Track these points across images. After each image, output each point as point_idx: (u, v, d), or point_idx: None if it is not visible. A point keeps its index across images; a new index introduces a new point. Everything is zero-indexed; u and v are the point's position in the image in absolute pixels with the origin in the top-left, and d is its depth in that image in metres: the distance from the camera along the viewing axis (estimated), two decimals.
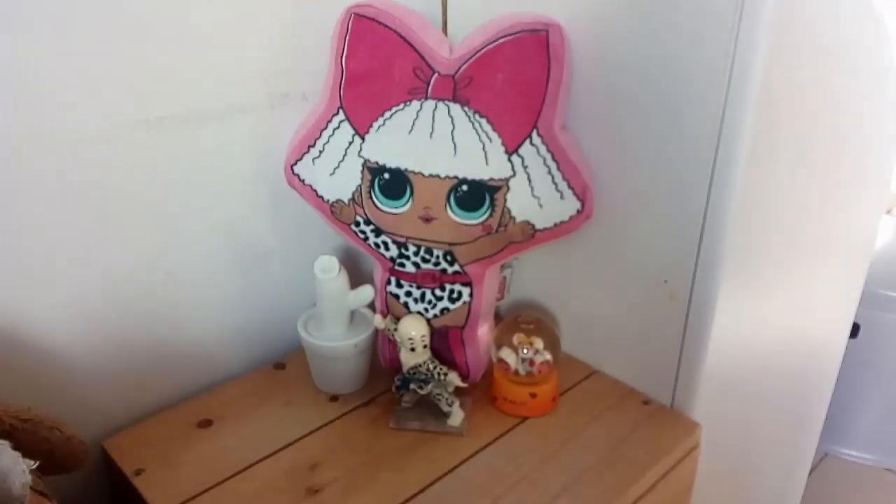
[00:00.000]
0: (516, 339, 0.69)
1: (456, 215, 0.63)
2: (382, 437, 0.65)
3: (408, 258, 0.66)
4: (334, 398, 0.70)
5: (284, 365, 0.75)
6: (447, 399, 0.66)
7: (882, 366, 1.40)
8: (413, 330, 0.65)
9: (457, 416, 0.66)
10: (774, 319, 0.77)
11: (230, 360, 0.74)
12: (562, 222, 0.64)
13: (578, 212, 0.63)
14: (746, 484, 0.89)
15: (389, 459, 0.63)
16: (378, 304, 0.70)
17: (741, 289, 0.67)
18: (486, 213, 0.63)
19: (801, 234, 0.74)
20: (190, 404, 0.69)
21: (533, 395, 0.68)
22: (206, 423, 0.66)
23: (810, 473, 1.08)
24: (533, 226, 0.64)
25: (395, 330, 0.66)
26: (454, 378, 0.66)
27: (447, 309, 0.68)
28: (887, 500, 1.38)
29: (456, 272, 0.66)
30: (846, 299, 0.94)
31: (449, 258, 0.66)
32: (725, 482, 0.82)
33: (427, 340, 0.65)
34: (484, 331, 0.71)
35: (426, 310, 0.68)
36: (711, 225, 0.61)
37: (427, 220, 0.64)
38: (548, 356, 0.68)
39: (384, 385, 0.71)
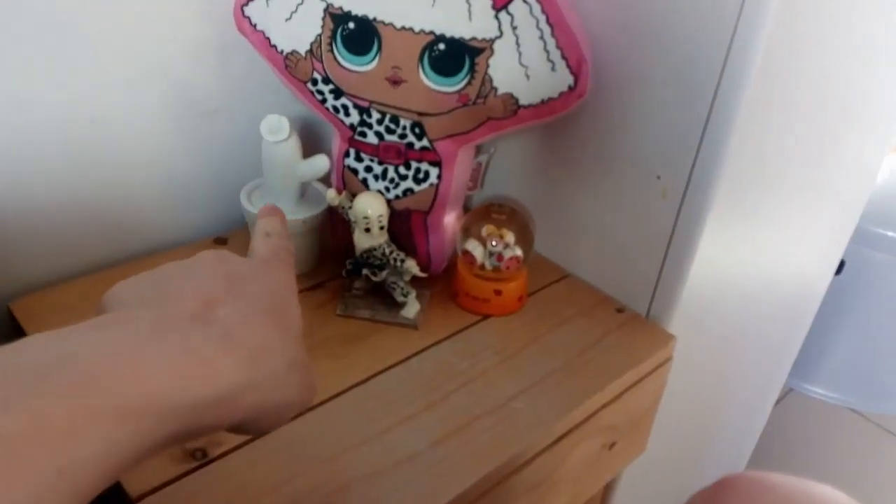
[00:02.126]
0: (485, 230, 0.62)
1: (429, 79, 0.55)
2: (327, 323, 0.59)
3: (370, 127, 0.58)
4: None
5: (226, 240, 0.67)
6: (402, 289, 0.60)
7: (861, 305, 1.37)
8: (369, 208, 0.57)
9: (411, 308, 0.60)
10: (763, 247, 0.71)
11: (164, 230, 0.66)
12: (550, 99, 0.55)
13: (570, 88, 0.55)
14: (712, 409, 0.85)
15: (331, 346, 0.57)
16: (334, 179, 0.63)
17: (735, 206, 0.60)
18: (464, 79, 0.55)
19: (799, 165, 0.67)
20: (113, 272, 0.61)
21: (497, 293, 0.62)
22: None
23: (774, 406, 1.06)
24: (517, 100, 0.55)
25: (350, 208, 0.58)
26: (411, 266, 0.59)
27: (411, 190, 0.60)
28: (848, 440, 1.39)
29: (424, 148, 0.58)
30: (838, 237, 0.89)
31: (417, 131, 0.57)
32: (692, 404, 0.78)
33: (384, 222, 0.58)
34: (450, 219, 0.63)
35: (387, 189, 0.60)
36: (716, 123, 0.54)
37: (395, 82, 0.56)
38: (518, 252, 0.61)
39: (335, 270, 0.64)
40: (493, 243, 0.61)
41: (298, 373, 0.31)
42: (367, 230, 0.58)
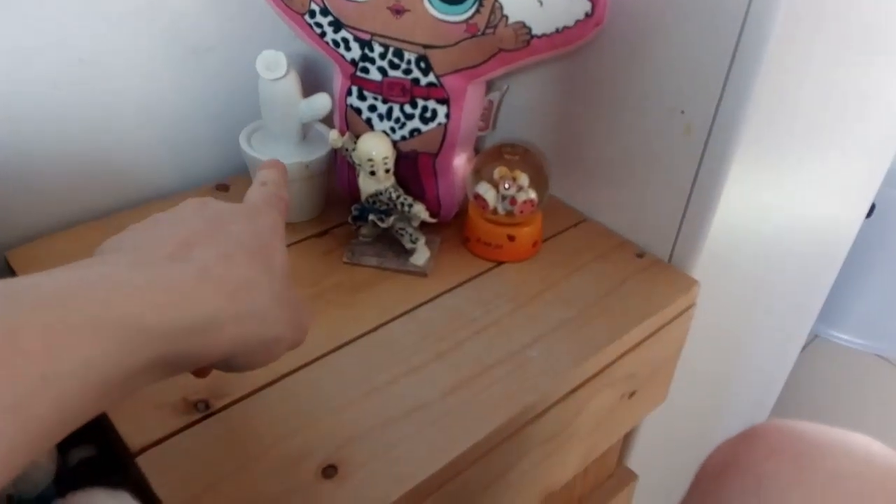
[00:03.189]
0: (497, 172, 0.58)
1: (434, 8, 0.51)
2: (334, 271, 0.57)
3: (372, 62, 0.54)
4: None
5: (228, 187, 0.65)
6: (411, 235, 0.57)
7: (890, 249, 1.32)
8: (374, 150, 0.54)
9: (421, 255, 0.57)
10: (791, 189, 0.67)
11: (162, 176, 0.64)
12: (566, 28, 0.51)
13: (587, 15, 0.51)
14: (736, 356, 0.83)
15: (338, 295, 0.54)
16: (337, 120, 0.59)
17: (762, 146, 0.56)
18: (471, 7, 0.50)
19: (828, 105, 0.63)
20: (111, 220, 0.59)
21: (511, 238, 0.59)
22: None
23: (800, 353, 1.03)
24: (529, 29, 0.51)
25: (353, 150, 0.55)
26: (420, 210, 0.56)
27: (418, 130, 0.57)
28: (875, 386, 1.36)
29: (431, 84, 0.55)
30: (868, 179, 0.84)
31: (422, 65, 0.54)
32: (714, 352, 0.76)
33: (390, 164, 0.55)
34: (461, 162, 0.60)
35: (393, 129, 0.57)
36: (744, 53, 0.50)
37: (398, 11, 0.52)
38: (532, 195, 0.58)
39: (342, 216, 0.61)
40: (506, 186, 0.58)
41: (286, 310, 0.31)
42: (372, 173, 0.55)
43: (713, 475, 0.31)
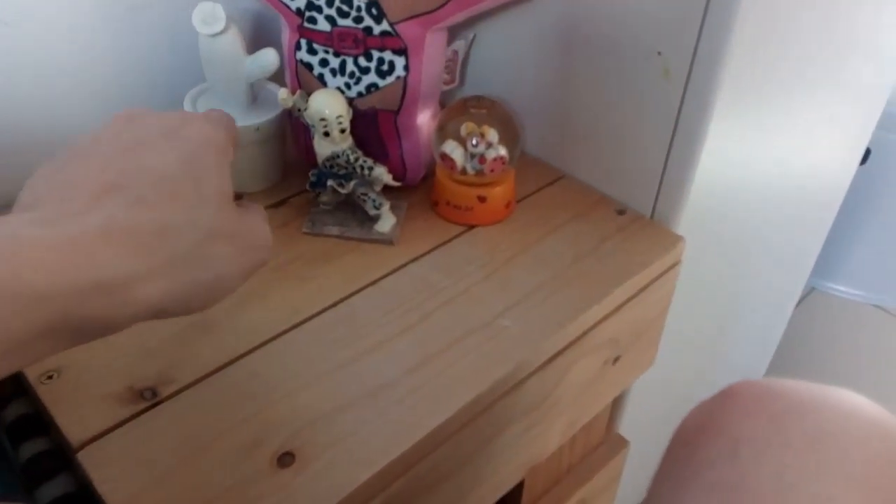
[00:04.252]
0: (464, 129, 0.54)
1: None
2: (293, 243, 0.53)
3: (319, 10, 0.50)
4: (237, 196, 0.56)
5: None
6: (374, 200, 0.53)
7: (887, 195, 1.28)
8: (326, 108, 0.50)
9: (386, 221, 0.53)
10: (778, 137, 0.63)
11: None
12: None
13: None
14: (727, 315, 0.79)
15: (297, 269, 0.51)
16: (288, 78, 0.55)
17: (746, 90, 0.52)
18: None
19: (816, 46, 0.58)
20: None
21: (482, 199, 0.55)
22: None
23: (795, 309, 1.00)
24: None
25: (306, 109, 0.51)
26: (381, 173, 0.52)
27: (375, 85, 0.52)
28: (873, 337, 1.33)
29: (385, 33, 0.50)
30: (862, 124, 0.80)
31: (374, 12, 0.49)
32: (704, 311, 0.72)
33: (345, 123, 0.51)
34: (425, 119, 0.56)
35: (348, 85, 0.53)
36: None
37: None
38: (502, 151, 0.54)
39: (301, 185, 0.57)
40: (474, 142, 0.54)
41: (227, 240, 0.30)
42: (326, 134, 0.50)
43: (687, 440, 0.28)
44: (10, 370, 0.24)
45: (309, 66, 0.53)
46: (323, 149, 0.52)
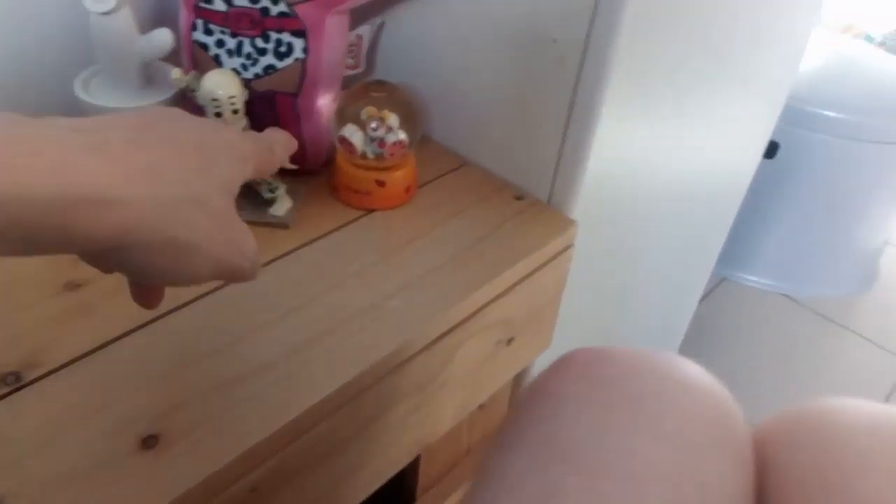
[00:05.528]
0: (364, 113, 0.54)
1: None
2: None
3: None
4: None
5: None
6: (269, 183, 0.53)
7: (796, 187, 1.34)
8: (218, 88, 0.49)
9: (282, 205, 0.53)
10: (674, 128, 0.65)
11: None
12: None
13: None
14: (626, 300, 0.82)
15: None
16: (184, 59, 0.54)
17: (640, 79, 0.54)
18: None
19: (713, 38, 0.61)
20: None
21: (380, 183, 0.55)
22: None
23: (705, 298, 1.04)
24: None
25: (199, 90, 0.50)
26: None
27: (273, 67, 0.52)
28: (781, 325, 1.40)
29: (283, 14, 0.50)
30: (764, 118, 0.84)
31: None
32: (602, 296, 0.75)
33: (238, 104, 0.50)
34: (327, 103, 0.56)
35: (244, 67, 0.52)
36: None
37: None
38: (402, 136, 0.54)
39: None
40: (374, 127, 0.54)
41: (210, 220, 0.29)
42: (218, 115, 0.50)
43: (520, 404, 0.30)
44: None
45: (205, 47, 0.52)
46: None
